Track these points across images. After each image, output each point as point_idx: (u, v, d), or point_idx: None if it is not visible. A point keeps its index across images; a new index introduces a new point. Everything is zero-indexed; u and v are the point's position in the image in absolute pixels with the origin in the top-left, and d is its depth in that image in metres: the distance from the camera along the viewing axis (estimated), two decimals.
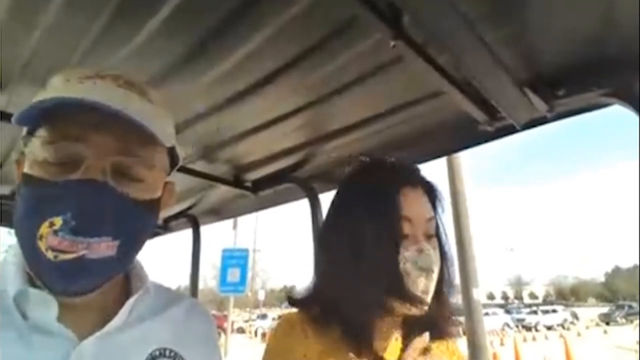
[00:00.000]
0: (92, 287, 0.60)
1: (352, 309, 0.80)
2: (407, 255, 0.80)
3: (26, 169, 0.60)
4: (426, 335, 0.80)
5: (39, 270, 0.58)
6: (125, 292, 0.68)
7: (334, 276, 0.85)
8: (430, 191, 0.88)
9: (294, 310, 0.87)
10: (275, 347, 0.82)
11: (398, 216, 0.82)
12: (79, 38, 0.90)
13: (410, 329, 0.85)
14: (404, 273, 0.80)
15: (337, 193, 0.94)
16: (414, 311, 0.80)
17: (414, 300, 0.80)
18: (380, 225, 0.83)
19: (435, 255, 0.82)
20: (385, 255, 0.81)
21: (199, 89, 1.10)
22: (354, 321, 0.79)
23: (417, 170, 0.92)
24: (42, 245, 0.55)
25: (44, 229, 0.55)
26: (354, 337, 0.79)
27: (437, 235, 0.86)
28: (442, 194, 0.91)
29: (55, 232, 0.55)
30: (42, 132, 0.59)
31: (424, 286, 0.80)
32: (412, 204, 0.84)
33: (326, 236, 0.92)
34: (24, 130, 0.62)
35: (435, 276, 0.82)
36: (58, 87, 0.63)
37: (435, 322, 0.84)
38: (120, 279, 0.69)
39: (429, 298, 0.81)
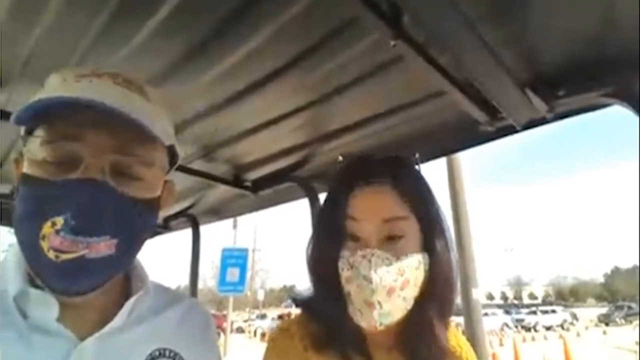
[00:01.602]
0: (93, 286, 0.60)
1: (330, 324, 0.74)
2: (351, 260, 0.71)
3: (25, 169, 0.60)
4: None
5: (40, 270, 0.58)
6: (126, 293, 0.68)
7: (311, 287, 0.80)
8: (403, 187, 0.74)
9: (292, 317, 0.83)
10: (273, 358, 0.77)
11: (342, 216, 0.73)
12: (79, 37, 0.90)
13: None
14: (346, 281, 0.72)
15: None
16: (364, 325, 0.71)
17: (356, 313, 0.71)
18: (324, 228, 0.77)
19: (392, 262, 0.70)
20: (328, 261, 0.74)
21: (199, 89, 1.10)
22: (344, 339, 0.73)
23: (380, 164, 0.78)
24: (44, 245, 0.55)
25: (47, 229, 0.55)
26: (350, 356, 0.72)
27: (426, 240, 0.74)
28: (422, 188, 0.78)
29: (57, 232, 0.55)
30: (39, 132, 0.59)
31: (367, 297, 0.69)
32: (361, 202, 0.74)
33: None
34: (22, 129, 0.62)
35: (395, 286, 0.70)
36: (55, 86, 0.63)
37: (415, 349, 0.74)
38: (121, 279, 0.68)
39: (379, 312, 0.69)
